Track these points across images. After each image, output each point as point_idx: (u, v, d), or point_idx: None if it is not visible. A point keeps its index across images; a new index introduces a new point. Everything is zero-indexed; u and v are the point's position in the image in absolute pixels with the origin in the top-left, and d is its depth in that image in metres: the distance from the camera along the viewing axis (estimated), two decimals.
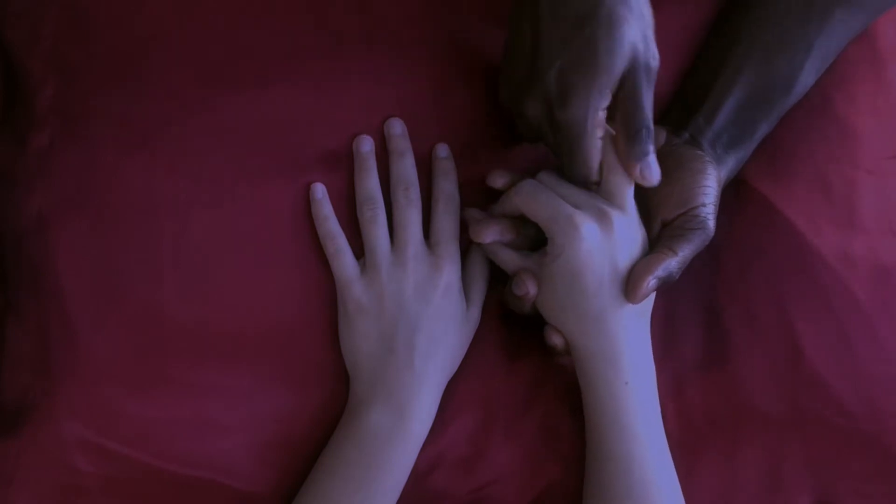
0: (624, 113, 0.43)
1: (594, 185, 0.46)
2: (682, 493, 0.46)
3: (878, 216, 0.51)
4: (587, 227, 0.44)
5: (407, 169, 0.49)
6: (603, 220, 0.45)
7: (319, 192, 0.48)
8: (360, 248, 0.48)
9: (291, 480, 0.47)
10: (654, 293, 0.46)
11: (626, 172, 0.44)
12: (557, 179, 0.47)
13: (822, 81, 0.51)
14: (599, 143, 0.44)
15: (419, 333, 0.47)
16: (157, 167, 0.47)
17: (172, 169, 0.47)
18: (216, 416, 0.47)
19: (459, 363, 0.49)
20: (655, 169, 0.44)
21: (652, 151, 0.43)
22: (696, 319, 0.51)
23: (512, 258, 0.48)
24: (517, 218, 0.48)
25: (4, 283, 0.47)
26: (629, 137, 0.43)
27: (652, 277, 0.44)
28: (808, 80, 0.50)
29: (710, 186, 0.46)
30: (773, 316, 0.50)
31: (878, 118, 0.53)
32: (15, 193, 0.47)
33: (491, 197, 0.50)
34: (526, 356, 0.50)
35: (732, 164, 0.49)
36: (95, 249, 0.46)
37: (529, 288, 0.46)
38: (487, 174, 0.49)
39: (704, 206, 0.46)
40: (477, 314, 0.49)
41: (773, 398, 0.49)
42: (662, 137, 0.48)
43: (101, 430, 0.45)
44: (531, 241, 0.48)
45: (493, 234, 0.47)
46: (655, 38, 0.43)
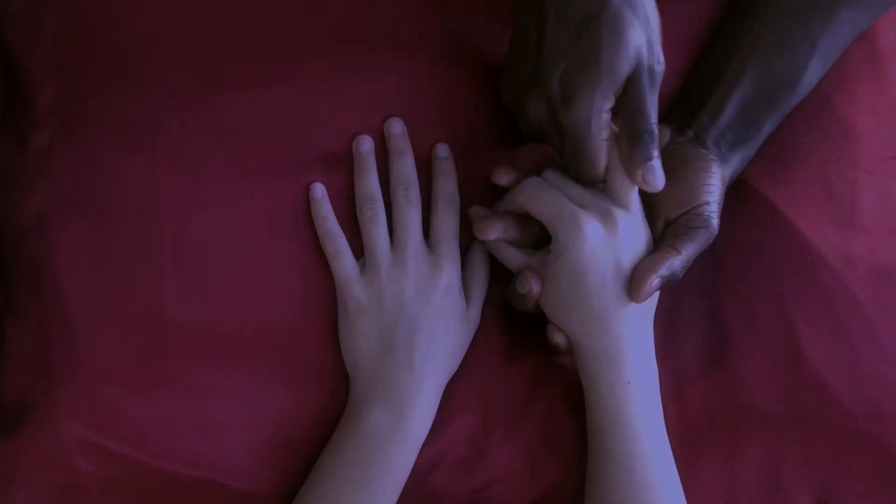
0: (627, 117, 0.43)
1: (600, 183, 0.46)
2: (683, 493, 0.46)
3: (878, 216, 0.51)
4: (591, 226, 0.44)
5: (407, 169, 0.49)
6: (607, 219, 0.45)
7: (319, 191, 0.48)
8: (360, 248, 0.48)
9: (291, 480, 0.47)
10: (657, 292, 0.46)
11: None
12: (562, 178, 0.47)
13: (822, 81, 0.51)
14: (605, 144, 0.44)
15: (419, 333, 0.46)
16: (157, 167, 0.47)
17: (172, 169, 0.47)
18: (216, 416, 0.47)
19: (459, 363, 0.49)
20: (659, 173, 0.43)
21: (656, 156, 0.43)
22: (696, 319, 0.51)
23: (516, 256, 0.48)
24: (521, 216, 0.48)
25: (4, 283, 0.47)
26: (632, 142, 0.43)
27: (655, 276, 0.44)
28: (813, 78, 0.50)
29: (713, 185, 0.46)
30: (773, 316, 0.50)
31: (878, 118, 0.53)
32: (15, 193, 0.47)
33: (491, 197, 0.50)
34: (526, 356, 0.50)
35: (737, 162, 0.49)
36: (95, 249, 0.46)
37: (533, 286, 0.46)
38: (488, 174, 0.49)
39: (708, 204, 0.46)
40: (477, 314, 0.49)
41: (773, 398, 0.49)
42: (666, 136, 0.48)
43: (101, 430, 0.45)
44: (535, 239, 0.48)
45: (496, 231, 0.47)
46: (662, 40, 0.43)
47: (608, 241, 0.45)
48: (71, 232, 0.46)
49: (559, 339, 0.47)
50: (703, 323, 0.51)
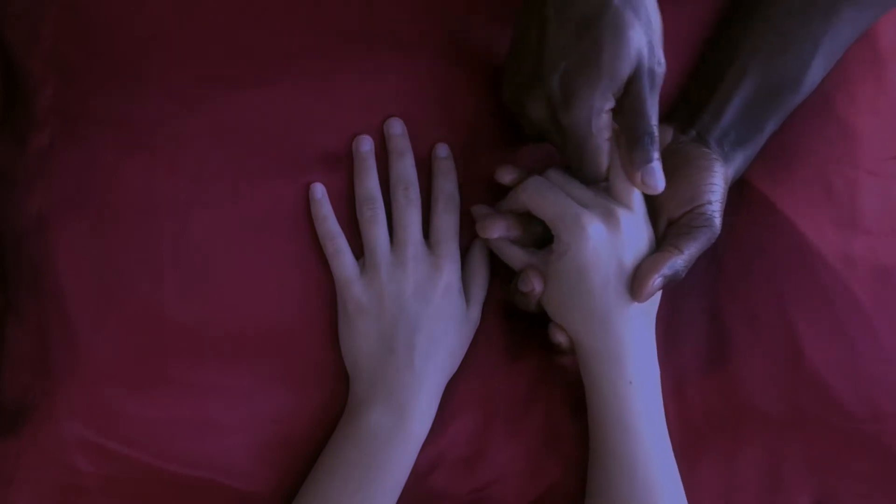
0: (627, 118, 0.43)
1: (603, 182, 0.46)
2: (684, 493, 0.46)
3: (879, 217, 0.51)
4: (594, 226, 0.44)
5: (407, 169, 0.49)
6: (609, 219, 0.45)
7: (319, 191, 0.48)
8: (359, 248, 0.48)
9: (291, 480, 0.47)
10: (659, 292, 0.46)
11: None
12: (565, 177, 0.47)
13: (822, 82, 0.51)
14: (606, 144, 0.44)
15: (419, 333, 0.46)
16: (157, 167, 0.47)
17: (172, 169, 0.47)
18: (216, 416, 0.47)
19: (459, 363, 0.49)
20: (659, 175, 0.43)
21: (655, 158, 0.43)
22: (696, 319, 0.51)
23: (518, 255, 0.48)
24: (524, 214, 0.48)
25: (4, 283, 0.47)
26: (631, 144, 0.43)
27: (658, 276, 0.44)
28: (815, 77, 0.50)
29: (716, 184, 0.46)
30: (773, 316, 0.50)
31: (878, 118, 0.53)
32: (15, 193, 0.47)
33: (492, 197, 0.50)
34: (526, 356, 0.50)
35: (740, 161, 0.49)
36: (95, 249, 0.46)
37: (535, 285, 0.46)
38: (488, 174, 0.49)
39: (711, 203, 0.46)
40: (477, 314, 0.49)
41: (773, 398, 0.49)
42: (669, 135, 0.48)
43: (101, 430, 0.45)
44: (537, 237, 0.48)
45: (499, 229, 0.47)
46: (662, 40, 0.43)
47: (611, 240, 0.45)
48: (71, 232, 0.46)
49: (561, 338, 0.47)
50: (703, 323, 0.51)
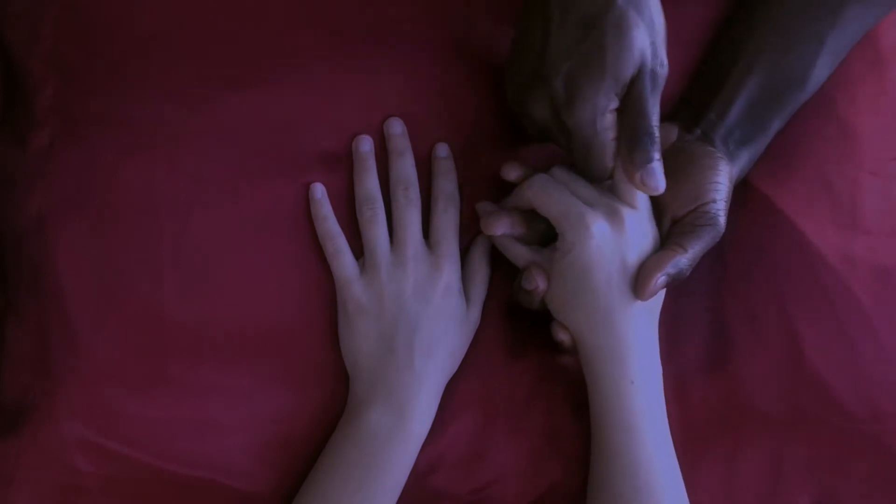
0: (628, 119, 0.43)
1: (609, 180, 0.46)
2: (686, 493, 0.46)
3: (879, 217, 0.51)
4: (598, 225, 0.44)
5: (406, 168, 0.49)
6: (614, 217, 0.45)
7: (319, 191, 0.48)
8: (359, 248, 0.48)
9: (291, 480, 0.47)
10: (663, 291, 0.46)
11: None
12: (570, 175, 0.47)
13: (823, 82, 0.51)
14: (611, 143, 0.44)
15: (419, 333, 0.46)
16: (157, 167, 0.47)
17: (172, 169, 0.47)
18: (216, 416, 0.47)
19: (459, 363, 0.49)
20: (659, 176, 0.43)
21: (656, 159, 0.43)
22: (697, 319, 0.51)
23: (522, 252, 0.48)
24: (528, 212, 0.48)
25: (4, 283, 0.47)
26: (631, 144, 0.43)
27: (661, 274, 0.44)
28: (821, 76, 0.50)
29: (721, 183, 0.46)
30: (773, 316, 0.50)
31: (879, 119, 0.53)
32: (15, 193, 0.47)
33: (492, 197, 0.50)
34: (527, 356, 0.50)
35: (745, 160, 0.49)
36: (95, 249, 0.46)
37: (539, 283, 0.46)
38: (489, 173, 0.49)
39: (715, 202, 0.46)
40: (477, 314, 0.49)
41: (773, 398, 0.49)
42: (674, 134, 0.48)
43: (101, 430, 0.45)
44: (541, 235, 0.48)
45: (503, 226, 0.47)
46: (667, 41, 0.42)
47: (615, 239, 0.45)
48: (71, 232, 0.46)
49: (563, 336, 0.47)
50: (704, 322, 0.51)
